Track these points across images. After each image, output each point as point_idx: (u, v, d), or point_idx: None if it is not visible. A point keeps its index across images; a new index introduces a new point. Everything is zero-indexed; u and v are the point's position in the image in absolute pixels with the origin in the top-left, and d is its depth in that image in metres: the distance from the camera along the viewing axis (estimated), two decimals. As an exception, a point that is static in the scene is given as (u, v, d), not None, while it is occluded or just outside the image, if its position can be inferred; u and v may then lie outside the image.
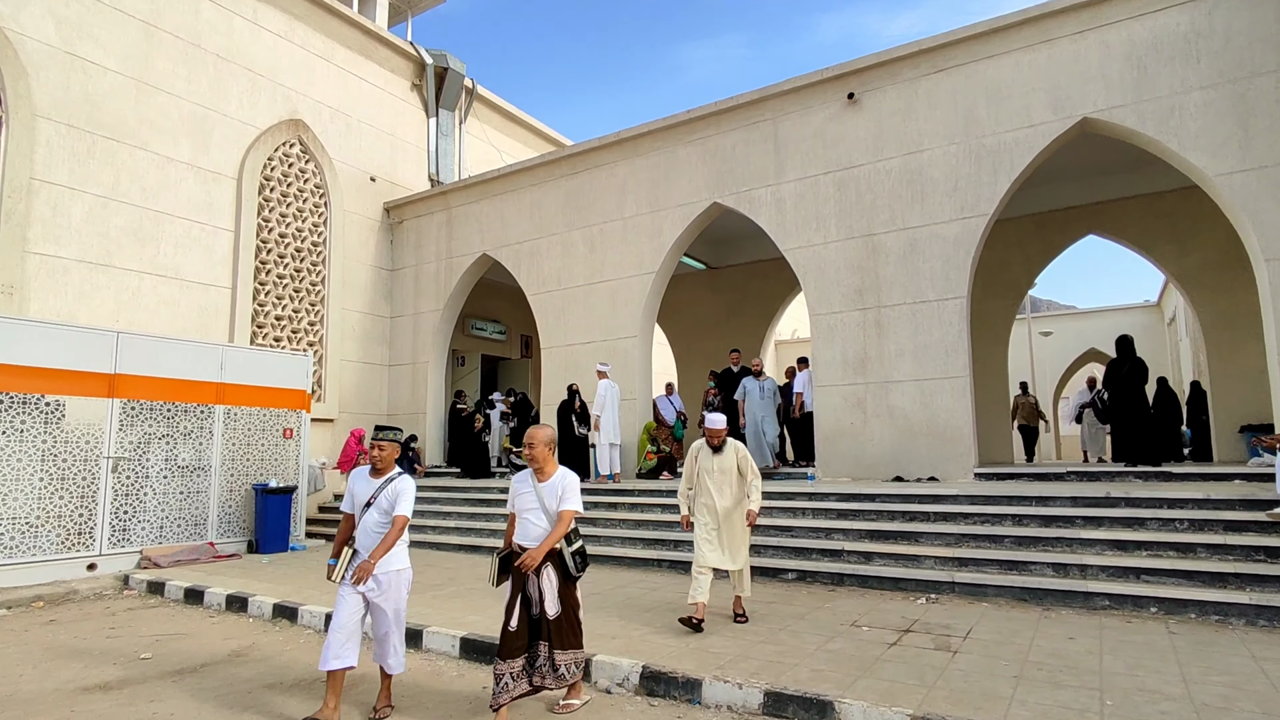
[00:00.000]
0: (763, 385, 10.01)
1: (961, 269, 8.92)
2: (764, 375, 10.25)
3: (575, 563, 3.95)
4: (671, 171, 11.37)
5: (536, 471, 4.01)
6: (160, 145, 11.23)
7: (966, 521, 6.89)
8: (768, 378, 10.26)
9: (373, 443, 4.07)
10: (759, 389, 9.99)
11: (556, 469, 4.03)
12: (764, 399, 9.90)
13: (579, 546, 4.01)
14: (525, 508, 3.98)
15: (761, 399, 9.91)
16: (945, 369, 8.86)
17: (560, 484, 3.97)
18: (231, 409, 9.64)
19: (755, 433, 9.81)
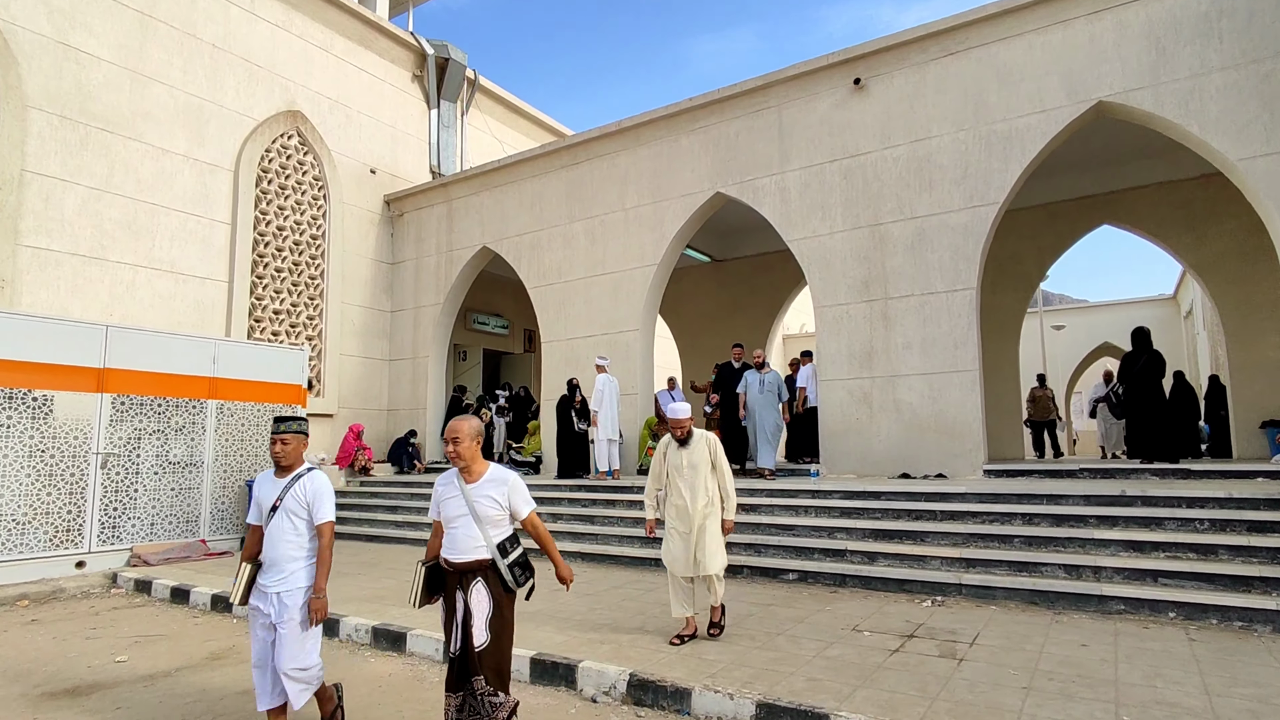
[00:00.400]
0: (764, 378, 9.59)
1: (971, 259, 8.63)
2: (767, 367, 9.80)
3: (514, 575, 3.26)
4: (674, 161, 11.12)
5: (463, 471, 3.34)
6: (155, 137, 11.08)
7: (975, 520, 6.63)
8: (770, 370, 9.82)
9: (273, 437, 3.53)
10: (759, 382, 9.58)
11: (486, 467, 3.39)
12: (764, 392, 9.48)
13: (519, 555, 3.30)
14: (453, 515, 3.30)
15: (761, 392, 9.48)
16: (954, 362, 8.59)
17: (497, 486, 3.31)
18: (225, 404, 9.49)
19: (756, 427, 9.49)
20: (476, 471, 3.35)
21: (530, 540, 3.58)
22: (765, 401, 9.48)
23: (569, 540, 8.38)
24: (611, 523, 8.48)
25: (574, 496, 9.20)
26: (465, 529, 3.26)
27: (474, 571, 3.22)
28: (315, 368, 13.11)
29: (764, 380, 9.58)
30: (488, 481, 3.33)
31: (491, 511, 3.26)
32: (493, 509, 3.27)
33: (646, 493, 5.26)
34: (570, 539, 8.39)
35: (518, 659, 4.29)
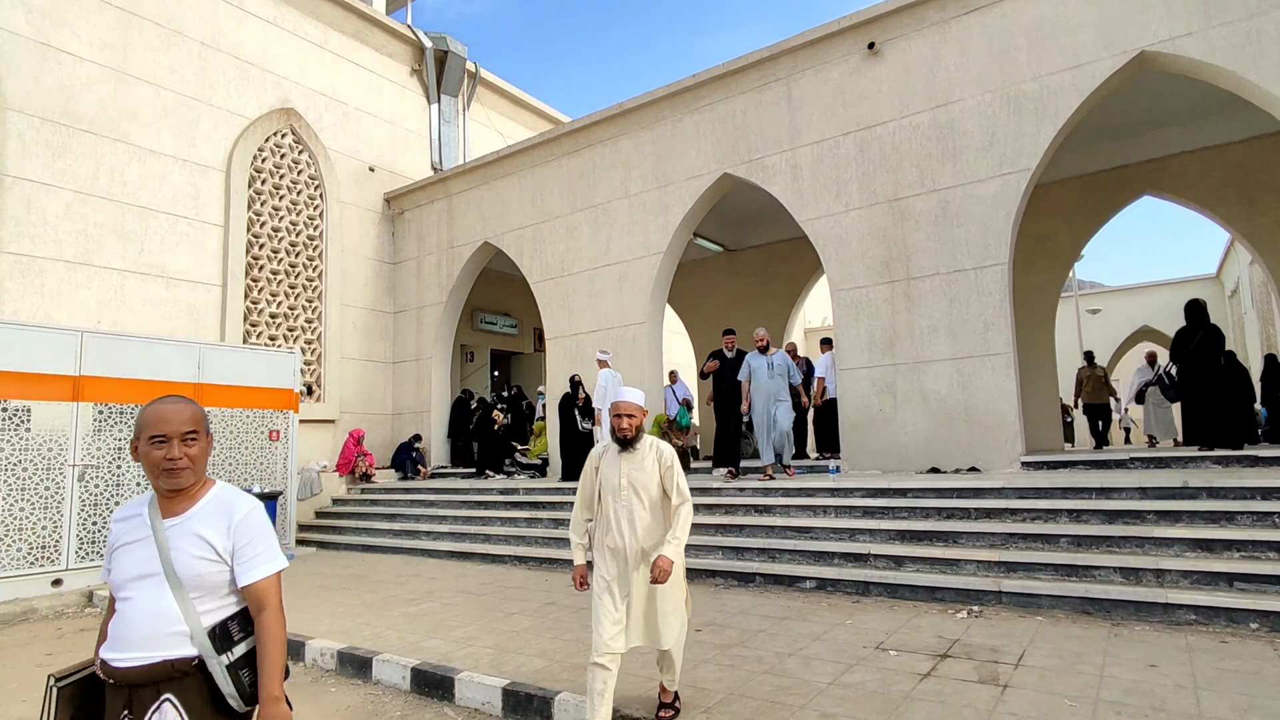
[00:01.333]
0: (771, 360, 8.23)
1: (1001, 233, 7.89)
2: (772, 349, 8.41)
3: (236, 684, 1.79)
4: (678, 143, 10.50)
5: (166, 499, 1.85)
6: (142, 137, 10.74)
7: (1014, 519, 5.92)
8: (777, 351, 8.51)
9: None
10: (766, 365, 8.21)
11: (212, 487, 1.92)
12: (773, 378, 8.14)
13: (243, 654, 1.82)
14: (140, 575, 1.79)
15: (771, 378, 8.14)
16: (985, 345, 7.86)
17: (214, 519, 1.84)
18: (211, 411, 9.05)
19: (764, 421, 8.16)
20: (194, 495, 1.87)
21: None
22: (774, 388, 8.18)
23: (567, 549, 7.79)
24: (616, 528, 7.88)
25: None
26: (154, 599, 1.77)
27: (159, 682, 1.75)
28: (315, 372, 12.71)
29: (771, 363, 8.26)
30: (213, 517, 1.84)
31: (201, 567, 1.80)
32: (203, 563, 1.80)
33: (572, 525, 3.69)
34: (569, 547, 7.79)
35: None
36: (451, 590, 6.66)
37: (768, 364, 8.26)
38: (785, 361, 8.38)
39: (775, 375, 8.23)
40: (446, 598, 6.35)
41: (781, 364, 8.29)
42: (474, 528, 8.91)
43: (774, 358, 8.33)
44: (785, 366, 8.31)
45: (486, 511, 9.21)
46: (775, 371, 8.24)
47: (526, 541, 8.23)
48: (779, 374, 8.24)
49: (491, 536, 8.54)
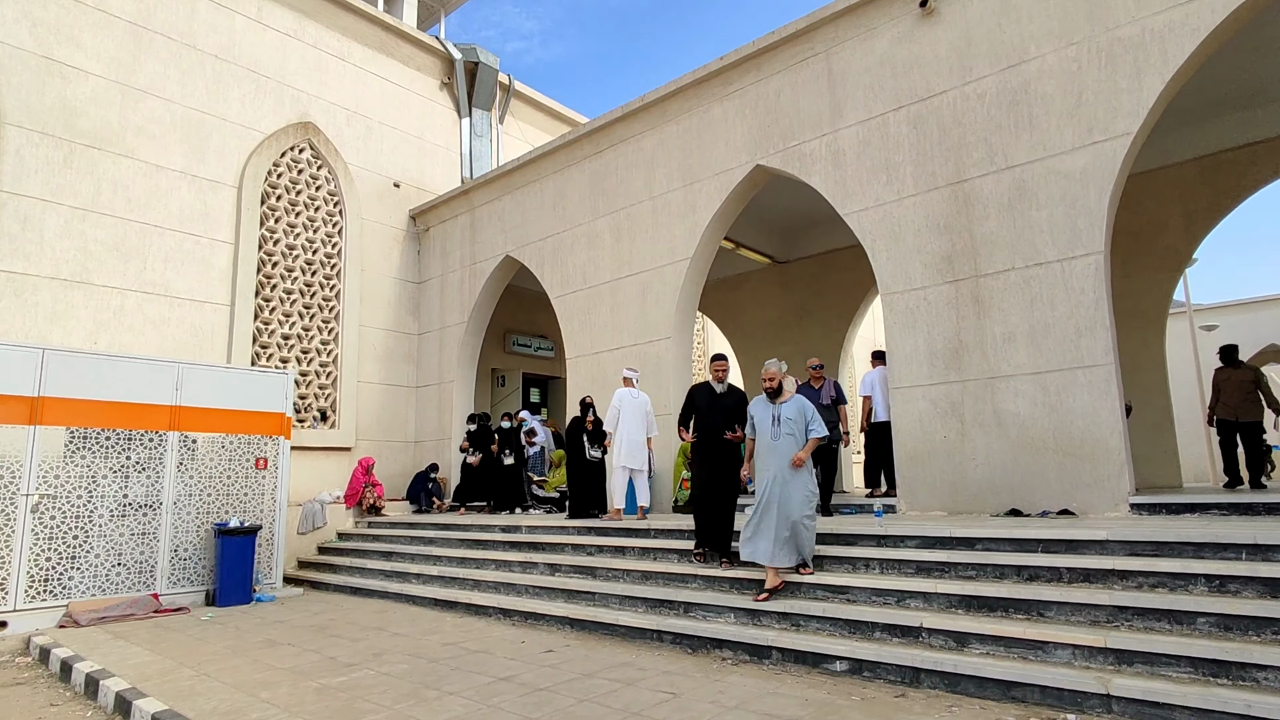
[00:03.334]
0: (779, 411, 5.62)
1: (1095, 215, 6.31)
2: (787, 393, 5.76)
3: None
4: (706, 135, 9.32)
5: None
6: (149, 153, 10.35)
7: (1125, 584, 4.32)
8: (792, 396, 5.77)
9: None
10: (771, 419, 5.61)
11: None
12: (782, 437, 5.52)
13: None
14: None
15: (777, 438, 5.52)
16: (1078, 356, 6.24)
17: None
18: (190, 436, 8.32)
19: (766, 501, 5.39)
20: None
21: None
22: (785, 452, 5.50)
23: (561, 600, 6.55)
24: (615, 577, 6.59)
25: (579, 541, 7.37)
26: None
27: None
28: (330, 396, 12.00)
29: (778, 415, 5.59)
30: None
31: None
32: None
33: None
34: (564, 598, 6.55)
35: None
36: (404, 653, 5.51)
37: (773, 417, 5.61)
38: (802, 409, 5.65)
39: (785, 434, 5.54)
40: (391, 664, 5.19)
41: (797, 414, 5.60)
42: (466, 571, 7.78)
43: (784, 407, 5.65)
44: (803, 415, 5.62)
45: (483, 552, 8.08)
46: (786, 428, 5.55)
47: (516, 590, 7.02)
48: (791, 431, 5.55)
49: (481, 583, 7.38)
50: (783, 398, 5.71)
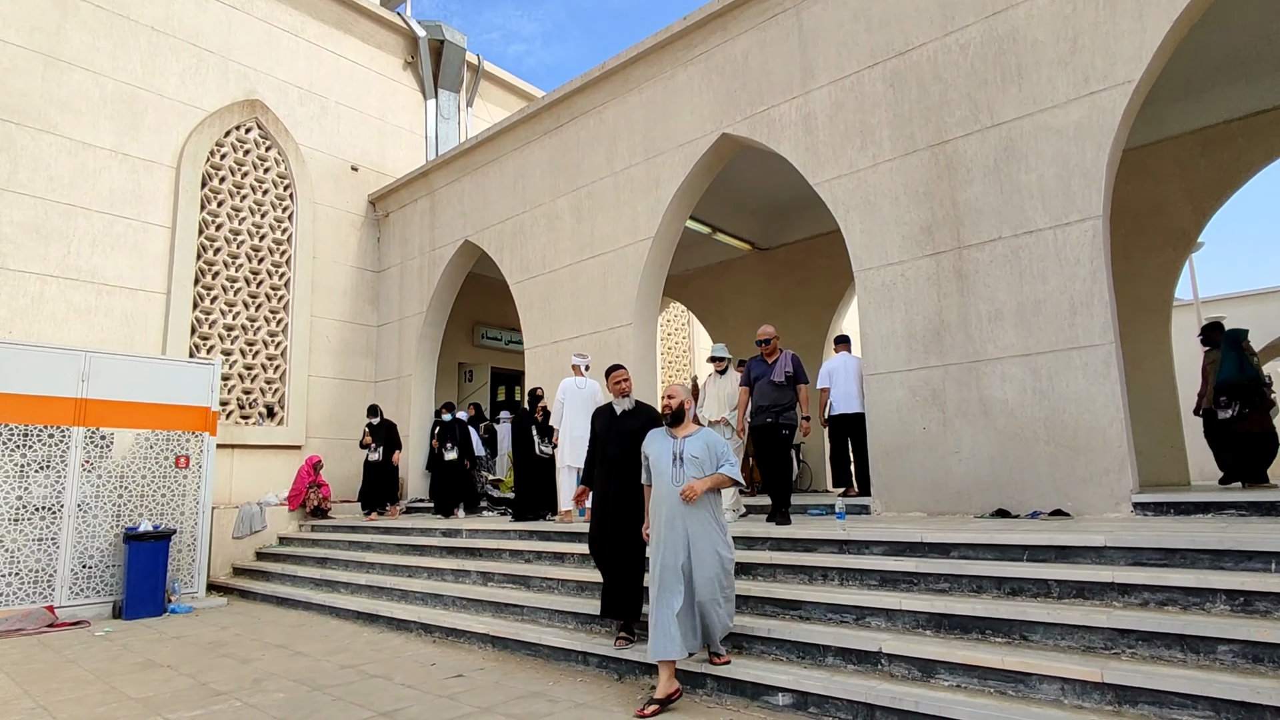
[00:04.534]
0: (681, 447, 4.05)
1: (1092, 175, 5.55)
2: (689, 424, 4.22)
3: None
4: (670, 103, 8.57)
5: None
6: (74, 129, 9.62)
7: (1127, 601, 3.55)
8: (700, 429, 4.22)
9: None
10: (671, 456, 4.04)
11: None
12: (682, 484, 3.92)
13: None
14: None
15: (678, 485, 3.93)
16: (1072, 335, 5.48)
17: None
18: (101, 432, 7.58)
19: (666, 577, 3.88)
20: None
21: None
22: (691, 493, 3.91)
23: (488, 613, 5.79)
24: (549, 587, 5.83)
25: (518, 547, 6.60)
26: None
27: None
28: (278, 391, 11.25)
29: (680, 452, 4.01)
30: None
31: None
32: None
33: None
34: (491, 611, 5.79)
35: None
36: (291, 679, 4.75)
37: (673, 454, 3.99)
38: (710, 444, 4.05)
39: (691, 477, 3.91)
40: (267, 693, 4.43)
41: (705, 450, 4.00)
42: (396, 580, 7.02)
43: (688, 442, 4.02)
44: (711, 452, 4.02)
45: (419, 559, 7.32)
46: (690, 469, 3.93)
47: (444, 603, 6.26)
48: (698, 473, 3.93)
49: (409, 593, 6.62)
50: (686, 428, 4.12)
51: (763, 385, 6.02)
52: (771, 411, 5.89)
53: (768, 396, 5.95)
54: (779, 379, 5.95)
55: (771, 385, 5.98)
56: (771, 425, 5.85)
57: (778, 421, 5.82)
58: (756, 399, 6.01)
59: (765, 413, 5.89)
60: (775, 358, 6.14)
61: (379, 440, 9.82)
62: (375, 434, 9.88)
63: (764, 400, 5.97)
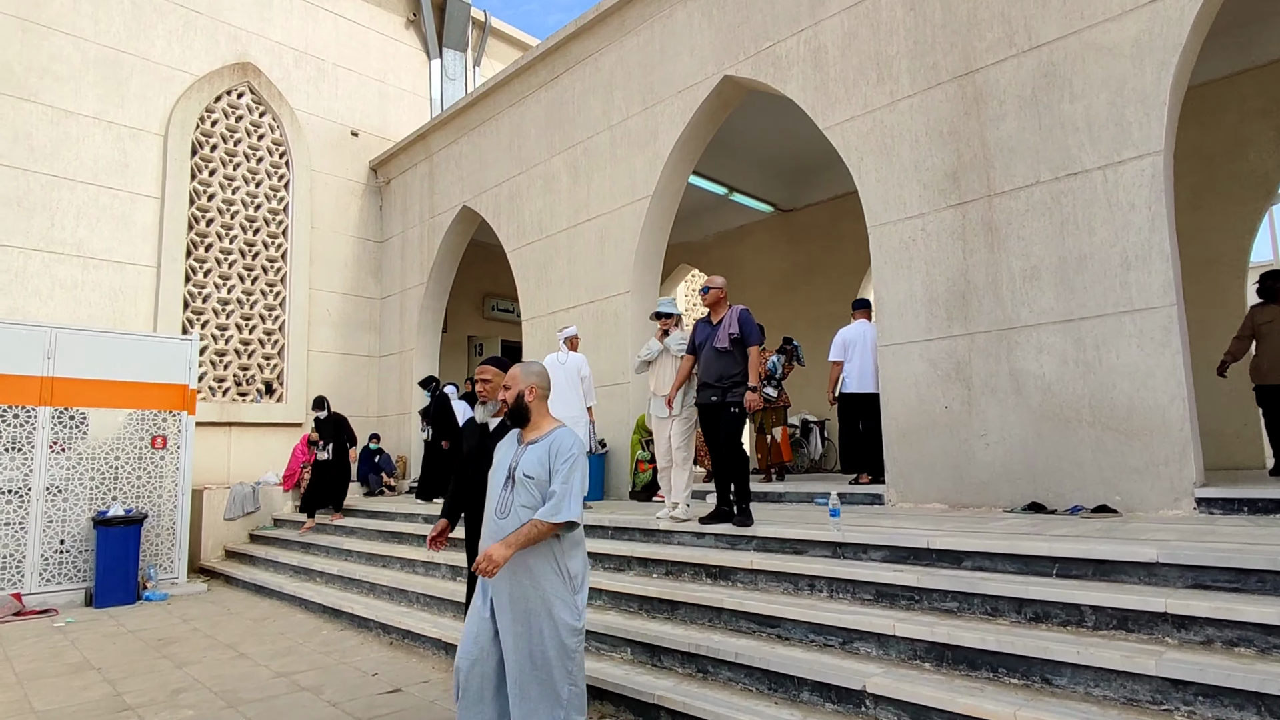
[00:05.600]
0: (519, 460, 2.83)
1: (1152, 102, 4.58)
2: (540, 422, 2.95)
3: None
4: (669, 45, 7.73)
5: None
6: (55, 96, 9.24)
7: (1183, 638, 2.75)
8: (553, 430, 2.89)
9: None
10: (505, 475, 2.84)
11: None
12: (509, 515, 2.76)
13: None
14: None
15: (504, 517, 2.77)
16: (1125, 296, 4.57)
17: None
18: (71, 412, 7.24)
19: (476, 670, 2.76)
20: None
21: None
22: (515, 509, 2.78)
23: (450, 614, 5.24)
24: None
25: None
26: None
27: None
28: (276, 367, 10.90)
29: (516, 469, 2.80)
30: None
31: None
32: None
33: None
34: (453, 612, 5.24)
35: None
36: (215, 690, 4.28)
37: (508, 471, 2.82)
38: (547, 457, 2.79)
39: (521, 506, 2.74)
40: (178, 709, 3.96)
41: (538, 466, 2.77)
42: (368, 570, 6.55)
43: (529, 451, 2.83)
44: (545, 467, 2.77)
45: (395, 548, 6.83)
46: (522, 496, 2.75)
47: (409, 599, 5.74)
48: (529, 501, 2.73)
49: (377, 587, 6.13)
50: (535, 430, 2.86)
51: (706, 354, 4.81)
52: (717, 387, 4.70)
53: (712, 367, 4.75)
54: (723, 344, 4.71)
55: (715, 353, 4.75)
56: (717, 405, 4.71)
57: (724, 400, 4.70)
58: (701, 371, 4.89)
59: (710, 389, 4.75)
60: (721, 316, 4.90)
61: (327, 436, 8.61)
62: (322, 429, 8.65)
63: (708, 373, 4.77)
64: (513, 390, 2.90)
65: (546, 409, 2.96)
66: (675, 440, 4.98)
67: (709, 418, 4.78)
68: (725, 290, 5.06)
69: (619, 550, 4.90)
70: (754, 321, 4.84)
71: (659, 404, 5.12)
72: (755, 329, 4.79)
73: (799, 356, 7.61)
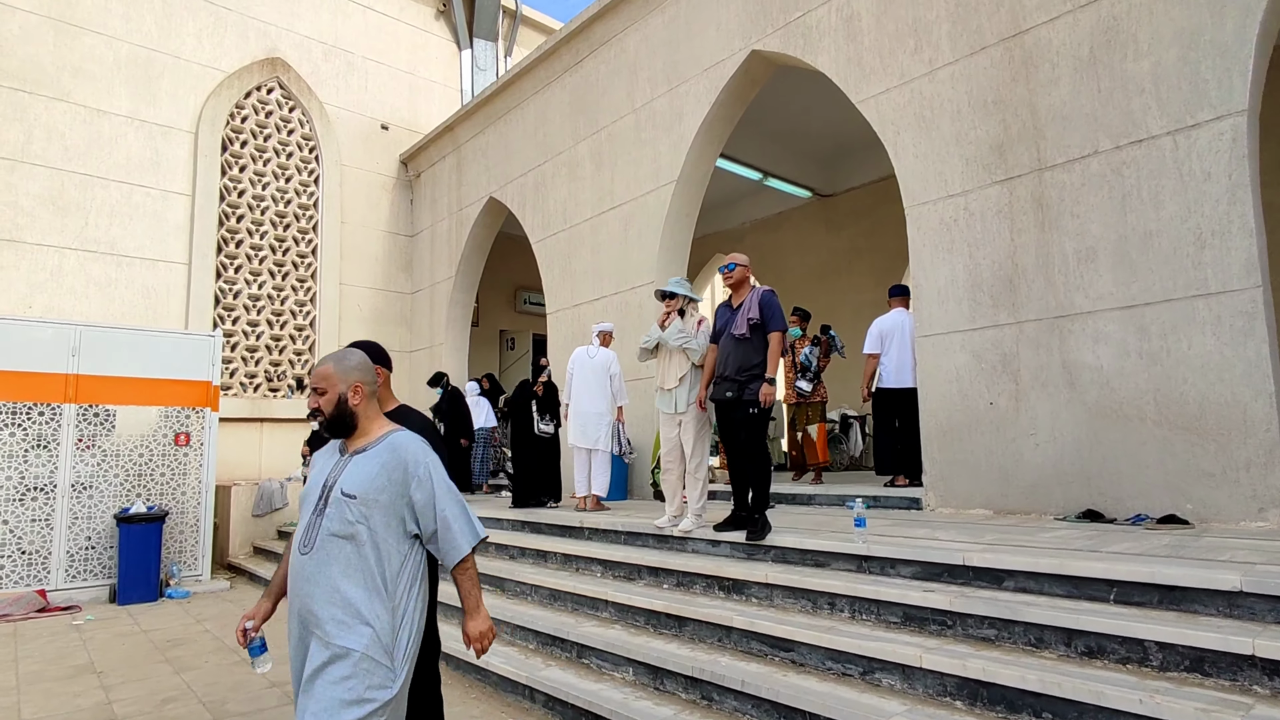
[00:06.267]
0: (338, 474, 2.05)
1: (1233, 54, 4.01)
2: (369, 426, 2.13)
3: None
4: (694, 21, 7.33)
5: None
6: (87, 95, 9.34)
7: (1276, 688, 2.28)
8: (386, 435, 2.11)
9: None
10: (319, 493, 2.06)
11: None
12: (312, 550, 1.99)
13: None
14: None
15: (305, 551, 1.99)
16: (1198, 277, 4.02)
17: None
18: (96, 409, 7.26)
19: None
20: None
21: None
22: (316, 579, 1.90)
23: (454, 621, 4.99)
24: (522, 593, 4.95)
25: (504, 540, 5.76)
26: None
27: None
28: (307, 363, 10.89)
29: (330, 486, 2.00)
30: None
31: None
32: None
33: None
34: (457, 620, 4.99)
35: None
36: (205, 700, 4.11)
37: (324, 485, 2.05)
38: (377, 473, 2.01)
39: (331, 535, 1.96)
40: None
41: (364, 486, 1.98)
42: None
43: (354, 462, 2.05)
44: (391, 469, 2.03)
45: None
46: (335, 521, 1.96)
47: (417, 602, 5.52)
48: (346, 528, 1.96)
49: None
50: (363, 436, 2.12)
51: (724, 342, 4.34)
52: (734, 381, 4.22)
53: (730, 358, 4.28)
54: (741, 331, 4.22)
55: (734, 341, 4.26)
56: (733, 401, 4.23)
57: (741, 396, 4.18)
58: (718, 363, 4.42)
59: (726, 383, 4.29)
60: (743, 300, 4.40)
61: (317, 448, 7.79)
62: (315, 445, 7.56)
63: (725, 365, 4.31)
64: (329, 394, 2.07)
65: (378, 410, 2.18)
66: (688, 444, 4.59)
67: (725, 415, 4.38)
68: (749, 269, 4.64)
69: (630, 558, 4.57)
70: (778, 304, 4.38)
71: (664, 398, 4.73)
72: (778, 313, 4.32)
73: (837, 346, 7.14)
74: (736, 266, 4.53)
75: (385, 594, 1.97)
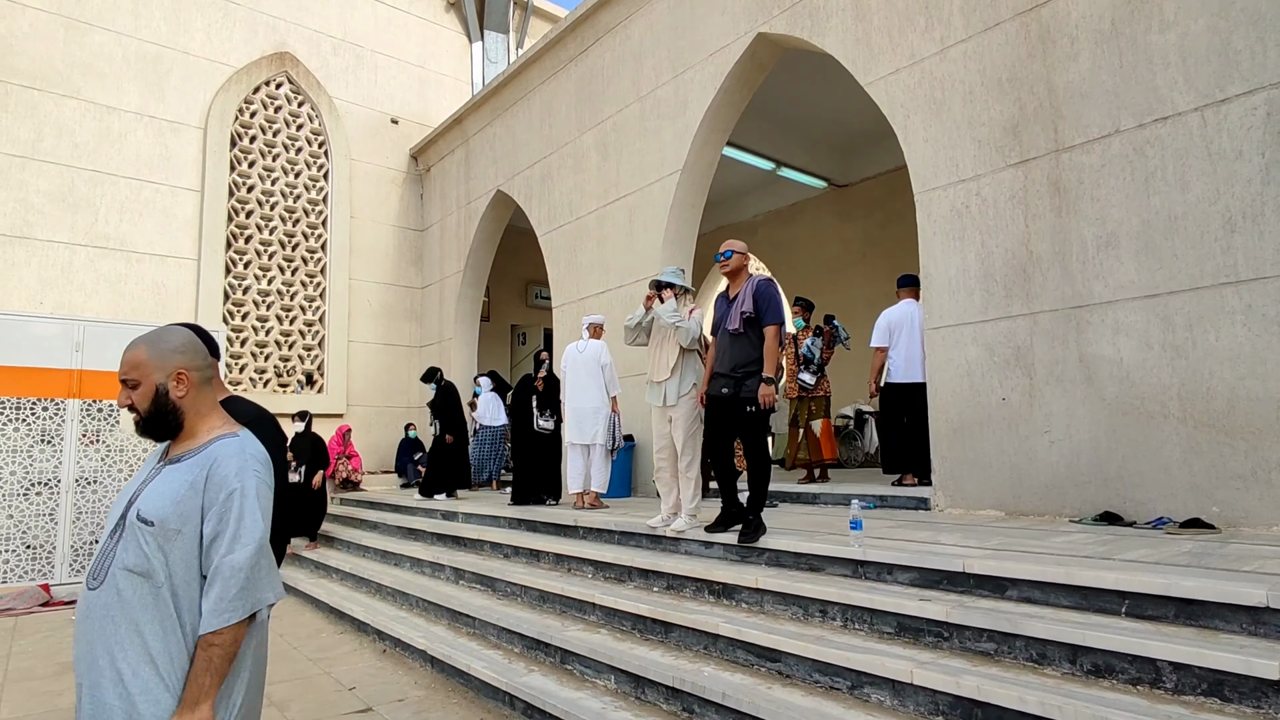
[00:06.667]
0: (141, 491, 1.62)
1: (1268, 24, 3.72)
2: (196, 432, 1.68)
3: None
4: (699, 5, 7.12)
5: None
6: (97, 92, 9.37)
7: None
8: (214, 439, 1.65)
9: None
10: (130, 488, 1.68)
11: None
12: (119, 536, 1.57)
13: None
14: None
15: (114, 537, 1.57)
16: (1227, 264, 3.74)
17: None
18: (95, 405, 7.26)
19: None
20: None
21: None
22: (98, 618, 1.47)
23: (444, 622, 4.87)
24: (513, 594, 4.81)
25: (500, 539, 5.63)
26: None
27: None
28: (317, 358, 10.87)
29: (131, 503, 1.58)
30: None
31: None
32: None
33: None
34: (447, 620, 4.87)
35: None
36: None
37: (126, 503, 1.62)
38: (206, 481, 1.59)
39: (131, 536, 1.54)
40: None
41: (169, 502, 1.57)
42: (379, 569, 6.28)
43: (157, 483, 1.60)
44: (199, 488, 1.62)
45: (410, 545, 6.54)
46: (130, 539, 1.55)
47: (409, 602, 5.41)
48: (150, 530, 1.54)
49: (383, 588, 5.83)
50: (189, 439, 1.66)
51: (720, 336, 4.14)
52: (730, 378, 4.01)
53: (725, 353, 4.08)
54: (735, 325, 4.02)
55: (729, 336, 4.07)
56: (729, 399, 4.01)
57: (738, 393, 3.97)
58: (715, 358, 4.21)
59: (722, 379, 4.07)
60: (739, 289, 4.17)
61: (301, 457, 7.44)
62: (297, 448, 7.46)
63: (720, 360, 4.11)
64: (143, 386, 1.62)
65: (213, 403, 1.71)
66: (679, 441, 4.39)
67: (717, 412, 4.16)
68: (747, 256, 4.42)
69: (621, 559, 4.40)
70: (775, 294, 4.15)
71: (654, 391, 4.53)
72: (774, 304, 4.09)
73: (841, 338, 6.89)
74: (733, 254, 4.32)
75: (190, 656, 1.51)
